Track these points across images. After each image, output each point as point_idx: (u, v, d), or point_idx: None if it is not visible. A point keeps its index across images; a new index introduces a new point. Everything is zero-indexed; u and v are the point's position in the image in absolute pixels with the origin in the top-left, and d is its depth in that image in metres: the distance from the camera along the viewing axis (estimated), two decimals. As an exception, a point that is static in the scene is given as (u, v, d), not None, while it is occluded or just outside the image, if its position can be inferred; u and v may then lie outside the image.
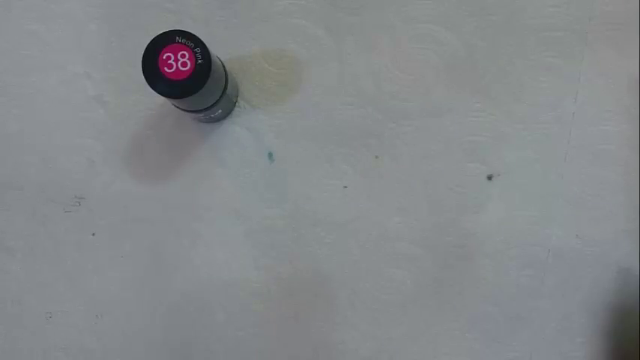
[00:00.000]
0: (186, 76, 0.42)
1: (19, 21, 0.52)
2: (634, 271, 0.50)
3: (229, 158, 0.51)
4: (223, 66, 0.47)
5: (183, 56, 0.42)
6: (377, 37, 0.51)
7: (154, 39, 0.42)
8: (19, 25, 0.52)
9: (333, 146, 0.51)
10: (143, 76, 0.42)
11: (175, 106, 0.47)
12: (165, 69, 0.42)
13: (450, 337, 0.51)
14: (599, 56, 0.51)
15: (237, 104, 0.51)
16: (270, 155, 0.51)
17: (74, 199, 0.51)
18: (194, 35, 0.42)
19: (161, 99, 0.43)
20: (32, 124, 0.52)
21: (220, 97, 0.47)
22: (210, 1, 0.51)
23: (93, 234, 0.52)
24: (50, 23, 0.52)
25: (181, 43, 0.42)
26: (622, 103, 0.51)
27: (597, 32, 0.51)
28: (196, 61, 0.42)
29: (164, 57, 0.42)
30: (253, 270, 0.51)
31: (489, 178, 0.51)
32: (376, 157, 0.51)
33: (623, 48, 0.51)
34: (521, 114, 0.51)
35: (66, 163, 0.51)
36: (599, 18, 0.51)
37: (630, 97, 0.51)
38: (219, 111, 0.49)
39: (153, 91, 0.42)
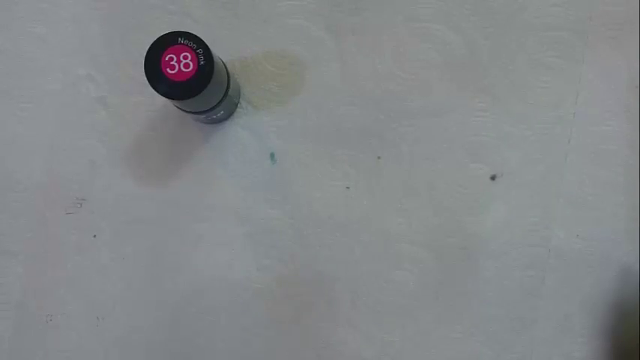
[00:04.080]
0: (188, 77, 0.42)
1: (23, 24, 0.52)
2: (634, 271, 0.50)
3: (231, 159, 0.51)
4: (225, 67, 0.47)
5: (185, 57, 0.42)
6: (378, 36, 0.51)
7: (156, 40, 0.42)
8: (22, 28, 0.52)
9: (335, 147, 0.51)
10: (145, 78, 0.42)
11: (177, 107, 0.47)
12: (168, 70, 0.42)
13: (452, 339, 0.51)
14: (599, 56, 0.51)
15: (239, 105, 0.51)
16: (272, 156, 0.51)
17: (76, 201, 0.51)
18: (196, 36, 0.42)
19: (163, 100, 0.43)
20: (35, 125, 0.51)
21: (222, 98, 0.47)
22: (212, 2, 0.51)
23: (94, 235, 0.51)
24: (53, 26, 0.52)
25: (184, 44, 0.42)
26: (622, 103, 0.51)
27: (597, 32, 0.51)
28: (199, 62, 0.42)
29: (166, 58, 0.42)
30: (255, 271, 0.51)
31: (493, 178, 0.51)
32: (378, 157, 0.51)
33: (623, 48, 0.51)
34: (524, 114, 0.51)
35: (68, 164, 0.51)
36: (600, 18, 0.51)
37: (630, 97, 0.51)
38: (222, 112, 0.49)
39: (155, 93, 0.42)
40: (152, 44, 0.42)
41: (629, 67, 0.51)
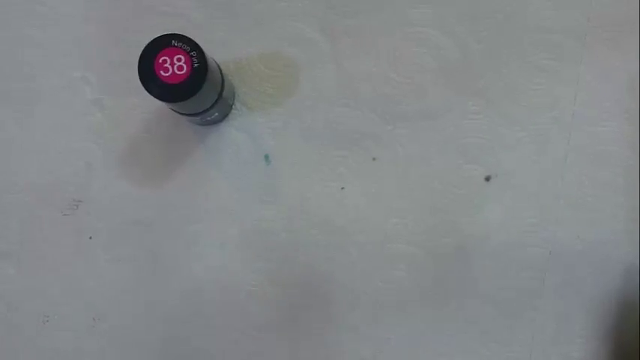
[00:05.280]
0: (182, 79, 0.42)
1: (18, 26, 0.52)
2: (634, 272, 0.50)
3: (226, 161, 0.51)
4: (220, 69, 0.47)
5: (179, 60, 0.42)
6: (373, 39, 0.51)
7: (149, 43, 0.42)
8: (18, 31, 0.52)
9: (330, 148, 0.51)
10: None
11: (172, 109, 0.47)
12: (162, 73, 0.42)
13: (449, 339, 0.51)
14: (598, 57, 0.51)
15: (233, 107, 0.51)
16: (267, 157, 0.51)
17: (72, 203, 0.51)
18: (190, 39, 0.42)
19: (158, 102, 0.43)
20: (31, 127, 0.52)
21: (217, 100, 0.47)
22: (207, 4, 0.51)
23: (90, 237, 0.52)
24: (48, 28, 0.52)
25: (177, 46, 0.42)
26: (621, 104, 0.51)
27: (595, 34, 0.51)
28: (192, 64, 0.42)
29: (160, 61, 0.42)
30: (250, 272, 0.51)
31: (487, 179, 0.51)
32: (373, 159, 0.51)
33: (621, 49, 0.51)
34: (519, 116, 0.51)
35: (64, 166, 0.51)
36: (598, 19, 0.51)
37: (630, 97, 0.51)
38: (216, 114, 0.49)
39: (150, 95, 0.42)
40: (145, 47, 0.42)
41: (628, 69, 0.50)
